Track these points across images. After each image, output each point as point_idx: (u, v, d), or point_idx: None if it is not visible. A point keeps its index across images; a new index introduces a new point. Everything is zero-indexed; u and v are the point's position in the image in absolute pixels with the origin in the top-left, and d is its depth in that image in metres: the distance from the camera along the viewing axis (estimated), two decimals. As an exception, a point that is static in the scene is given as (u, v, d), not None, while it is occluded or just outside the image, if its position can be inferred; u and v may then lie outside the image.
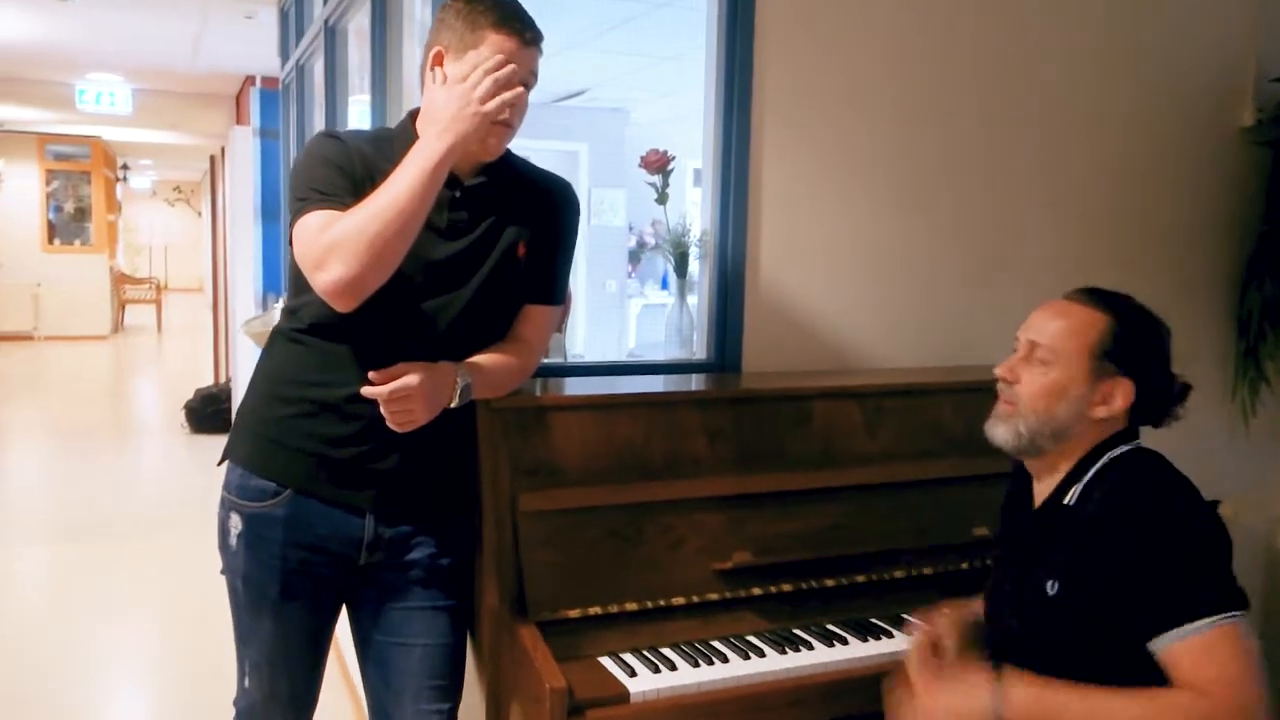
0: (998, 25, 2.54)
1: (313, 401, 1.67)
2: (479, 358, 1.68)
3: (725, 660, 1.70)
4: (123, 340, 14.53)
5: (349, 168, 1.61)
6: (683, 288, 2.46)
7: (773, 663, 1.71)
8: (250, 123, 6.28)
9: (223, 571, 1.78)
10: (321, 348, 1.67)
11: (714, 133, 2.30)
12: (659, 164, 2.40)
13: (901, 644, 1.79)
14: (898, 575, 1.95)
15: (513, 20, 1.60)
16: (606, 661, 1.67)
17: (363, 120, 3.18)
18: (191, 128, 11.29)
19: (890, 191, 2.47)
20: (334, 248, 1.50)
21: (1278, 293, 2.84)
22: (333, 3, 3.49)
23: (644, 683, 1.62)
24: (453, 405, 1.61)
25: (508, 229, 1.71)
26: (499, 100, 1.54)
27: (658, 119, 7.38)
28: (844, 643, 1.78)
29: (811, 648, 1.76)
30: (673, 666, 1.66)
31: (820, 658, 1.74)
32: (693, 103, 2.50)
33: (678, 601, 1.79)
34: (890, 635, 1.82)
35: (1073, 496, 1.49)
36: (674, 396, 2.01)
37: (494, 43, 1.58)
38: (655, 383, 2.22)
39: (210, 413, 7.47)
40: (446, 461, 1.76)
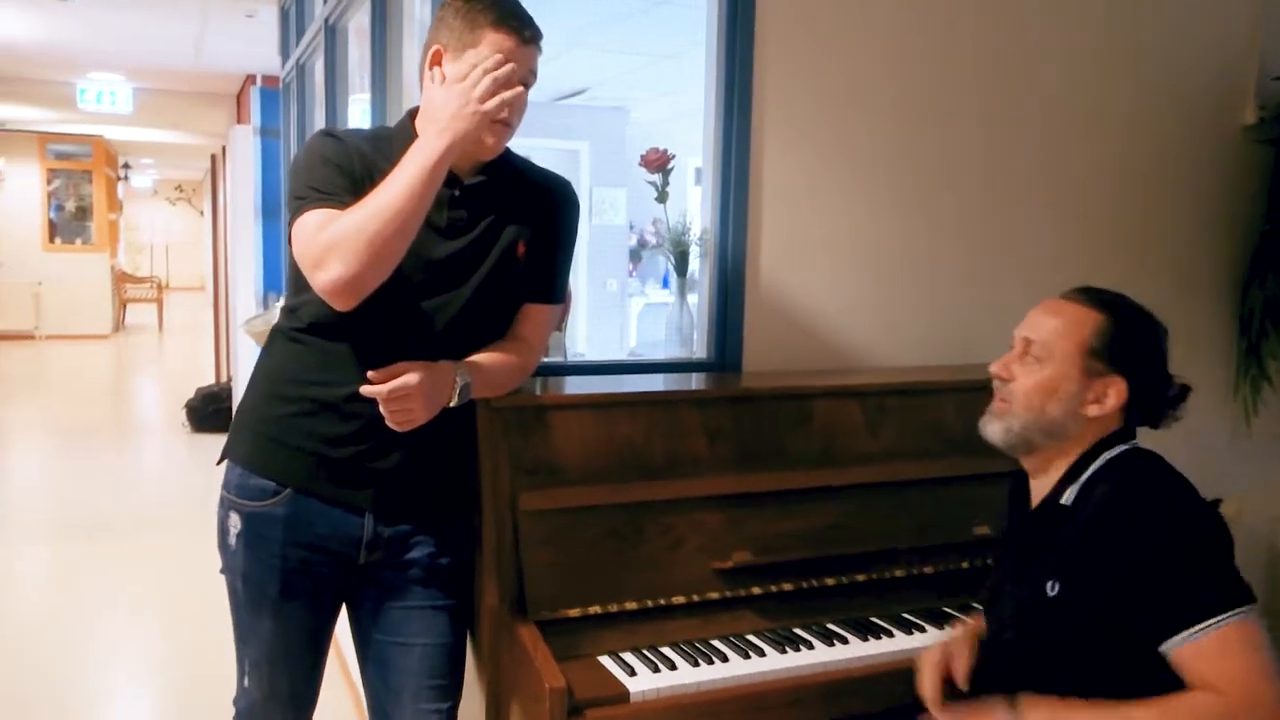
0: (998, 25, 2.54)
1: (312, 400, 1.67)
2: (478, 357, 1.67)
3: (725, 659, 1.70)
4: (124, 339, 14.54)
5: (348, 166, 1.61)
6: (683, 287, 2.46)
7: (773, 662, 1.71)
8: (251, 122, 6.28)
9: (222, 571, 1.78)
10: (321, 347, 1.67)
11: (714, 132, 2.30)
12: (659, 163, 2.40)
13: (901, 643, 1.79)
14: (898, 574, 1.95)
15: (511, 19, 1.60)
16: (606, 661, 1.67)
17: (363, 119, 3.18)
18: (192, 127, 11.31)
19: (891, 191, 2.47)
20: (333, 247, 1.50)
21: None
22: (333, 2, 3.49)
23: (644, 682, 1.61)
24: (452, 404, 1.61)
25: (507, 228, 1.70)
26: (498, 99, 1.54)
27: (658, 117, 7.38)
28: (844, 642, 1.78)
29: (812, 647, 1.76)
30: (672, 666, 1.66)
31: (820, 657, 1.74)
32: (693, 101, 2.49)
33: (678, 601, 1.78)
34: (890, 634, 1.82)
35: (1070, 496, 1.49)
36: (674, 396, 2.01)
37: (493, 41, 1.58)
38: (655, 382, 2.21)
39: (211, 411, 7.48)
40: (446, 460, 1.76)
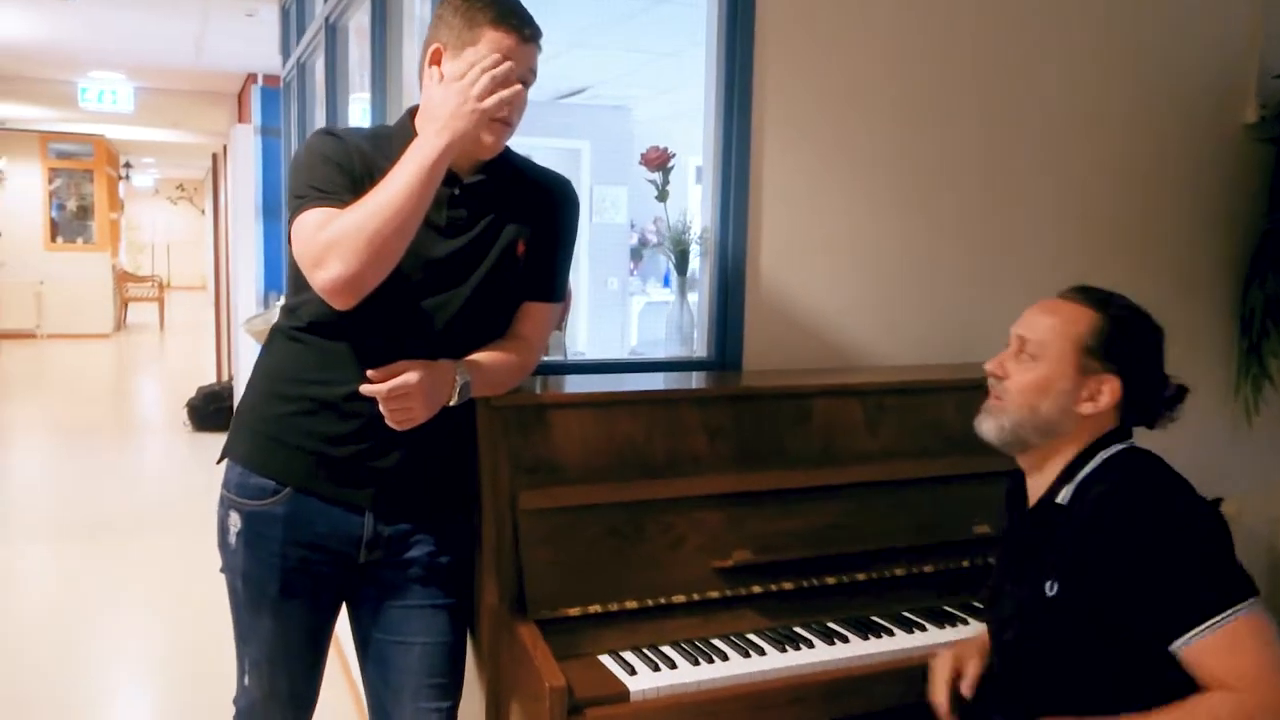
0: (998, 25, 2.54)
1: (312, 399, 1.67)
2: (478, 355, 1.67)
3: (725, 658, 1.70)
4: (125, 338, 14.54)
5: (348, 165, 1.61)
6: (683, 285, 2.45)
7: (773, 661, 1.70)
8: (252, 121, 6.29)
9: (222, 569, 1.78)
10: (321, 346, 1.67)
11: (714, 130, 2.30)
12: (659, 161, 2.40)
13: (901, 642, 1.79)
14: (898, 573, 1.95)
15: (510, 17, 1.60)
16: (606, 660, 1.67)
17: (363, 118, 3.18)
18: (193, 126, 11.30)
19: (891, 191, 2.47)
20: (333, 246, 1.50)
21: (1280, 290, 2.84)
22: (333, 1, 3.49)
23: (644, 681, 1.61)
24: (452, 403, 1.61)
25: (507, 227, 1.70)
26: (497, 98, 1.54)
27: (658, 116, 7.37)
28: (844, 641, 1.78)
29: (812, 646, 1.76)
30: (673, 665, 1.66)
31: (821, 656, 1.74)
32: (693, 99, 2.49)
33: (678, 600, 1.78)
34: (891, 633, 1.82)
35: (1065, 495, 1.49)
36: (674, 394, 2.01)
37: (492, 40, 1.58)
38: (656, 381, 2.21)
39: (212, 410, 7.49)
40: (446, 459, 1.76)
